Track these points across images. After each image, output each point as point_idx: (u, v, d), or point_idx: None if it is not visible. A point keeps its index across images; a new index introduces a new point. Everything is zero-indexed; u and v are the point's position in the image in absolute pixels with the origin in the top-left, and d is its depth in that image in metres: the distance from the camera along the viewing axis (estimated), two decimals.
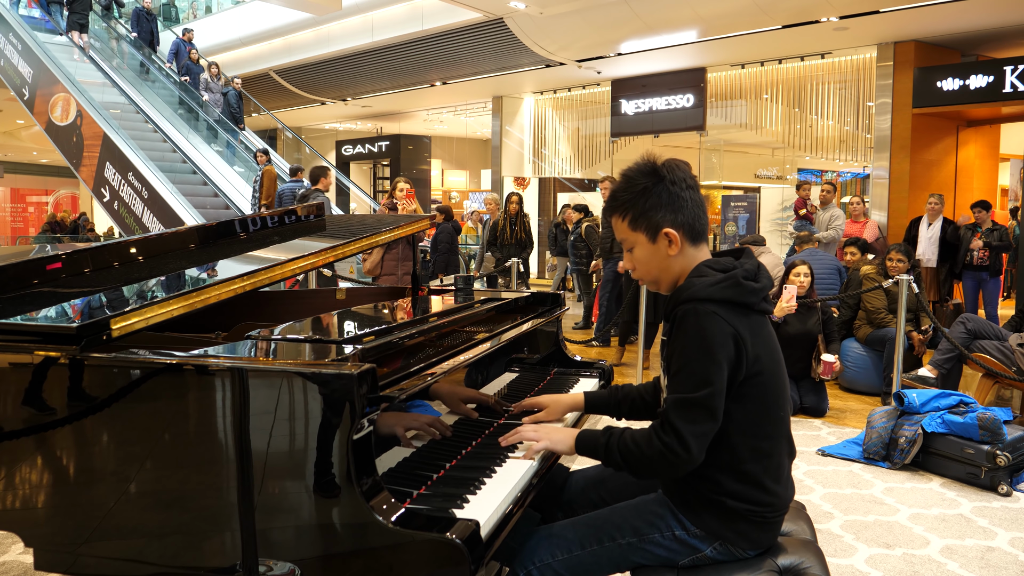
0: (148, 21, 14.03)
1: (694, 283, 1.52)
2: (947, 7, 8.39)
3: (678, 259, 1.59)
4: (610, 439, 1.56)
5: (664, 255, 1.59)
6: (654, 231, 1.58)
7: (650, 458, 1.49)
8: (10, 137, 22.46)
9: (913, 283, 5.11)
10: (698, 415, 1.46)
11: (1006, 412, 3.91)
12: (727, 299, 1.49)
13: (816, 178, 14.19)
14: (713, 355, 1.45)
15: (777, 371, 1.56)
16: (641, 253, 1.62)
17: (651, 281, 1.65)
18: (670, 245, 1.58)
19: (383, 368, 1.48)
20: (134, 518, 1.48)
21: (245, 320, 2.23)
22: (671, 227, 1.57)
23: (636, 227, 1.60)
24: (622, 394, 1.90)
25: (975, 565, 2.87)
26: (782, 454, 1.58)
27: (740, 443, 1.52)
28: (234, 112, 12.50)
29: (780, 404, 1.57)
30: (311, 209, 2.77)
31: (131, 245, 2.18)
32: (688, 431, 1.45)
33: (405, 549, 1.28)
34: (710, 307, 1.47)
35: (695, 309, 1.48)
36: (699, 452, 1.47)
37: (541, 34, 11.05)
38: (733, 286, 1.50)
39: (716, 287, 1.49)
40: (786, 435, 1.60)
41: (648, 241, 1.59)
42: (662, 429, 1.48)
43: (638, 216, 1.59)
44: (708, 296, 1.48)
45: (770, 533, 1.60)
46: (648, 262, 1.62)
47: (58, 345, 1.53)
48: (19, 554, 2.82)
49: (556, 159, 15.17)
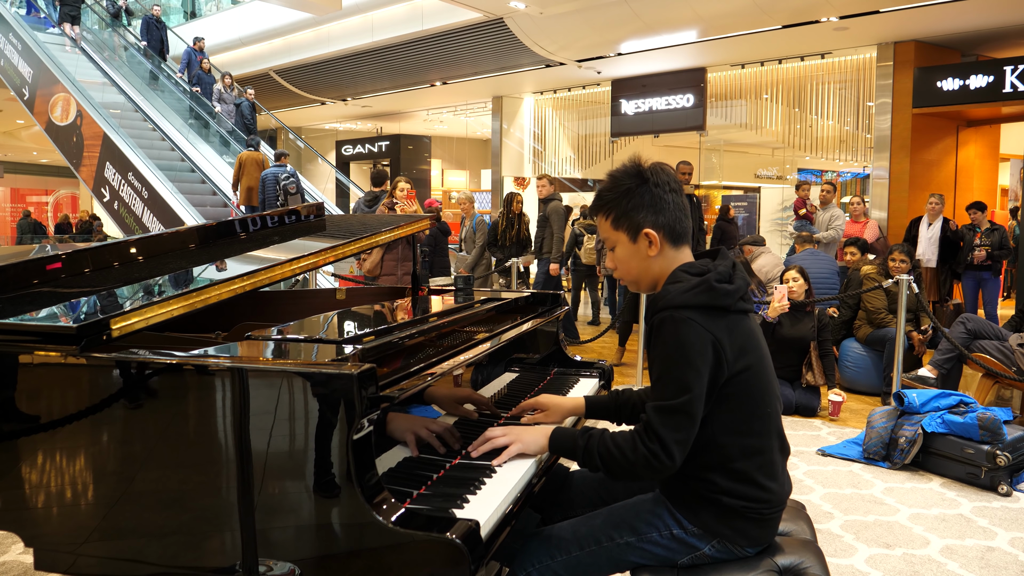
0: (158, 29, 13.70)
1: (669, 290, 1.54)
2: (947, 7, 8.39)
3: (658, 260, 1.62)
4: (589, 441, 1.56)
5: (644, 255, 1.62)
6: (635, 231, 1.61)
7: (632, 463, 1.50)
8: (10, 137, 22.46)
9: (913, 283, 5.11)
10: (680, 421, 1.47)
11: (1006, 412, 3.91)
12: (702, 304, 1.50)
13: (816, 178, 14.19)
14: (691, 361, 1.47)
15: (762, 368, 1.57)
16: (622, 252, 1.65)
17: (631, 281, 1.68)
18: (650, 246, 1.61)
19: (383, 368, 1.48)
20: (134, 518, 1.48)
21: (245, 320, 2.23)
22: (652, 228, 1.60)
23: (618, 226, 1.63)
24: (623, 399, 1.91)
25: (975, 565, 2.87)
26: (773, 450, 1.59)
27: (728, 443, 1.53)
28: (247, 123, 12.22)
29: (767, 401, 1.57)
30: (311, 209, 2.77)
31: (131, 245, 2.18)
32: (671, 438, 1.47)
33: (405, 549, 1.28)
34: (686, 313, 1.49)
35: (672, 316, 1.50)
36: (681, 458, 1.49)
37: (541, 34, 11.05)
38: (706, 291, 1.51)
39: (690, 293, 1.51)
40: (776, 431, 1.61)
41: (629, 241, 1.63)
42: (646, 435, 1.50)
43: (620, 216, 1.62)
44: (683, 303, 1.50)
45: (768, 530, 1.60)
46: (628, 261, 1.65)
47: (58, 345, 1.53)
48: (19, 554, 2.82)
49: (556, 159, 15.17)
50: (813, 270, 6.30)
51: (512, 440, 1.65)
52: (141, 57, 13.89)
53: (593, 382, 2.47)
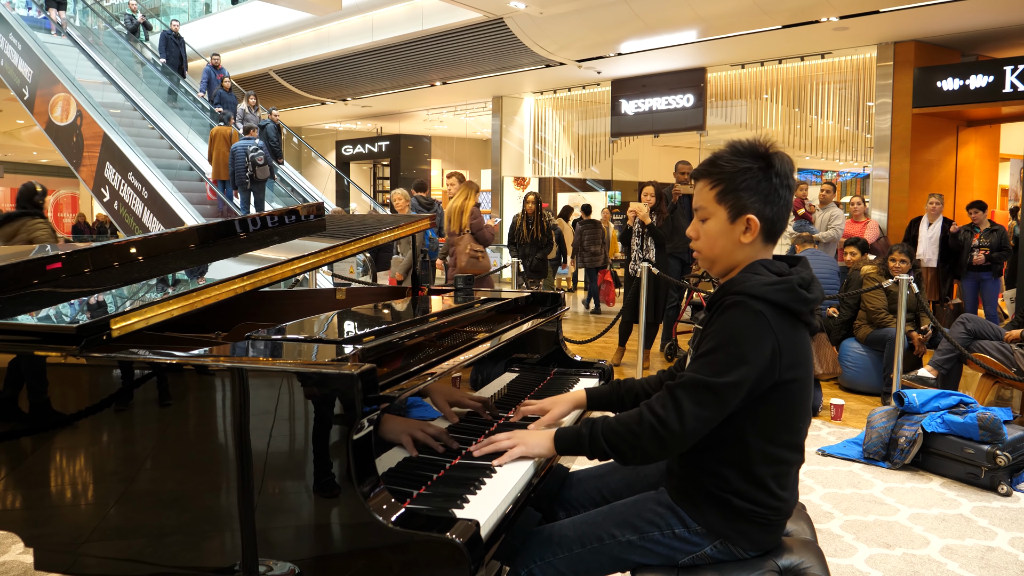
0: (176, 45, 13.17)
1: (749, 278, 1.49)
2: (947, 7, 8.39)
3: (746, 248, 1.54)
4: (593, 427, 1.53)
5: (736, 239, 1.54)
6: (738, 212, 1.52)
7: (638, 435, 1.46)
8: (10, 137, 22.47)
9: (913, 283, 5.11)
10: (707, 400, 1.43)
11: (1006, 412, 3.91)
12: (779, 302, 1.46)
13: (816, 178, 14.20)
14: (745, 352, 1.42)
15: (806, 385, 1.53)
16: (714, 227, 1.55)
17: (708, 258, 1.59)
18: (746, 232, 1.53)
19: (383, 368, 1.48)
20: (134, 518, 1.48)
21: (245, 320, 2.23)
22: (756, 215, 1.52)
23: (722, 200, 1.53)
24: (624, 388, 1.88)
25: (975, 565, 2.87)
26: (793, 463, 1.57)
27: (754, 444, 1.50)
28: (273, 146, 11.63)
29: (801, 415, 1.54)
30: (311, 209, 2.77)
31: (131, 245, 2.18)
32: (690, 410, 1.43)
33: (405, 549, 1.28)
34: (759, 305, 1.44)
35: (744, 302, 1.45)
36: (693, 433, 1.44)
37: (541, 34, 11.05)
38: (788, 290, 1.47)
39: (771, 287, 1.46)
40: (800, 447, 1.58)
41: (727, 219, 1.53)
42: (660, 401, 1.46)
43: (729, 191, 1.52)
44: (762, 295, 1.45)
45: (772, 536, 1.59)
46: (716, 239, 1.56)
47: (58, 345, 1.53)
48: (19, 554, 2.82)
49: (556, 159, 15.17)
50: (813, 270, 6.29)
51: (516, 443, 1.63)
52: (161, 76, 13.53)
53: (593, 382, 2.47)
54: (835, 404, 4.98)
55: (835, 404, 4.98)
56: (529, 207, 8.48)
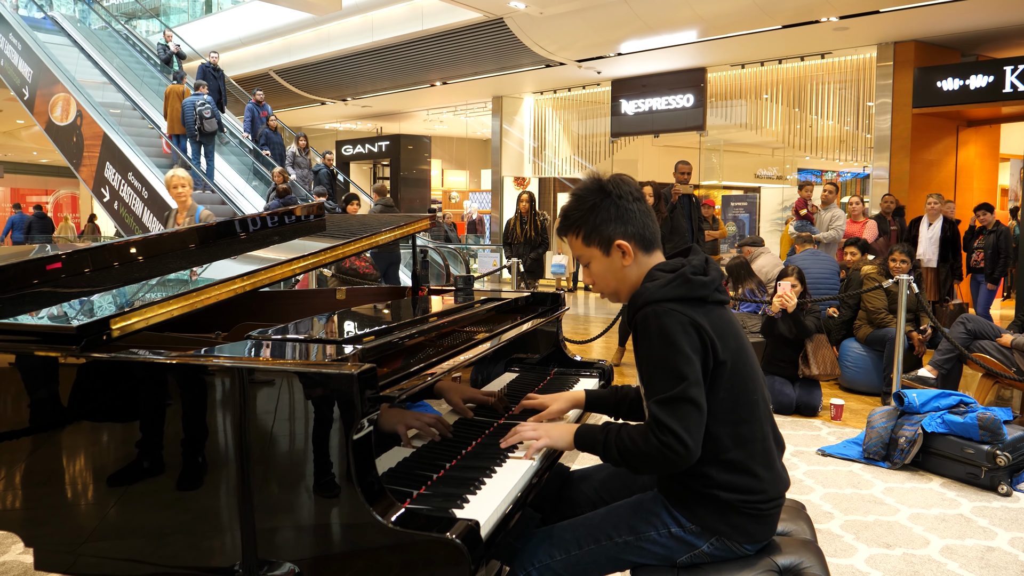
0: (215, 79, 12.01)
1: (647, 287, 1.57)
2: (947, 7, 8.40)
3: (633, 268, 1.64)
4: (608, 435, 1.58)
5: (619, 266, 1.64)
6: (607, 244, 1.64)
7: (647, 454, 1.50)
8: (10, 137, 22.47)
9: (913, 283, 5.11)
10: (684, 410, 1.47)
11: (1006, 412, 3.91)
12: (680, 296, 1.53)
13: (816, 178, 14.18)
14: (680, 349, 1.49)
15: (745, 355, 1.59)
16: (597, 267, 1.67)
17: (611, 292, 1.70)
18: (624, 256, 1.63)
19: (383, 368, 1.48)
20: (134, 518, 1.48)
21: (245, 320, 2.23)
22: (623, 239, 1.62)
23: (590, 242, 1.65)
24: (621, 394, 1.93)
25: (975, 565, 2.87)
26: (767, 438, 1.60)
27: (720, 431, 1.54)
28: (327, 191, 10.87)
29: (752, 387, 1.58)
30: (311, 209, 2.77)
31: (131, 245, 2.19)
32: (681, 427, 1.47)
33: (405, 549, 1.28)
34: (666, 305, 1.52)
35: (653, 311, 1.52)
36: (696, 445, 1.48)
37: (541, 34, 11.06)
38: (683, 283, 1.54)
39: (668, 287, 1.54)
40: (767, 420, 1.62)
41: (602, 255, 1.65)
42: (657, 428, 1.50)
43: (590, 232, 1.64)
44: (662, 297, 1.53)
45: (766, 526, 1.60)
46: (605, 275, 1.67)
47: (58, 345, 1.53)
48: (19, 554, 2.82)
49: (556, 159, 15.18)
50: (813, 270, 6.29)
51: (541, 435, 1.69)
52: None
53: (593, 382, 2.47)
54: (835, 404, 4.99)
55: (835, 404, 4.99)
56: (523, 206, 8.49)
